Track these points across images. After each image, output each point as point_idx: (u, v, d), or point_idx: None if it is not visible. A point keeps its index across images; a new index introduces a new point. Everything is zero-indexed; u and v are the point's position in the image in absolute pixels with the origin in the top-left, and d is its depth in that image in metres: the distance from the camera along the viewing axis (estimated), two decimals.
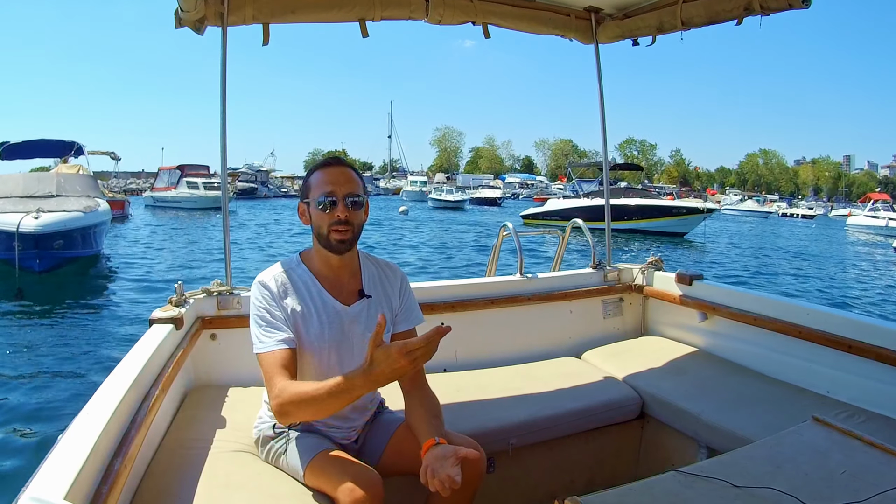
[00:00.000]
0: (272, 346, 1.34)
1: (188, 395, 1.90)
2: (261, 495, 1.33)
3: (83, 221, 9.37)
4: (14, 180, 10.63)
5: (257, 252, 13.78)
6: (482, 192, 47.74)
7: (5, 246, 8.29)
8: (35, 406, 4.16)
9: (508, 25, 2.50)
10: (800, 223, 40.96)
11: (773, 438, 1.40)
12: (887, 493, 1.11)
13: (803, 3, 2.03)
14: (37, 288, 8.13)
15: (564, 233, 3.27)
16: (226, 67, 2.15)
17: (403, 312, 1.56)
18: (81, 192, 10.53)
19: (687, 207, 21.13)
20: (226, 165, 2.25)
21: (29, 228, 8.20)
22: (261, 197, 42.82)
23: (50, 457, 1.00)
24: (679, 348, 2.58)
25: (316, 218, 1.41)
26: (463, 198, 38.97)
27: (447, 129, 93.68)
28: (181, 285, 2.01)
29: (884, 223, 29.65)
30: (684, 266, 4.99)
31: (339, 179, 1.39)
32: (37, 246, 8.37)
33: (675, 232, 20.49)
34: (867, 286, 12.00)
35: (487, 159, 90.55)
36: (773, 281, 11.98)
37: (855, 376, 1.96)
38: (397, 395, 1.56)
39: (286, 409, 1.26)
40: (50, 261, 8.79)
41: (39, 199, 9.52)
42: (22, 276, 8.08)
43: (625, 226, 20.51)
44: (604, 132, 3.04)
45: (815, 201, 68.37)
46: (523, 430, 1.93)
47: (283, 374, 1.30)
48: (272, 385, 1.29)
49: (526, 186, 66.38)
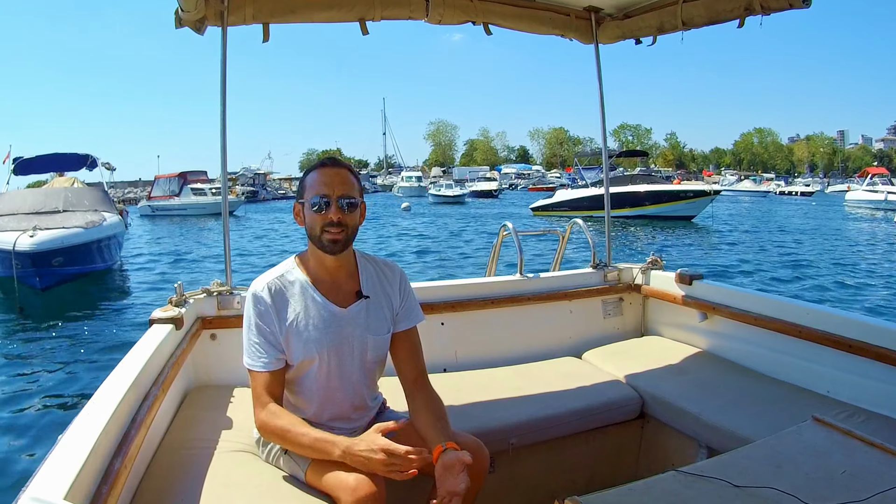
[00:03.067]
0: (260, 368, 1.39)
1: (188, 395, 1.90)
2: (261, 495, 1.33)
3: (83, 237, 9.25)
4: (21, 196, 10.57)
5: (281, 256, 13.74)
6: (479, 184, 47.55)
7: (6, 264, 8.29)
8: (30, 417, 4.20)
9: (508, 25, 2.50)
10: (800, 201, 40.54)
11: (773, 438, 1.39)
12: (887, 493, 1.11)
13: (804, 3, 2.04)
14: (38, 304, 8.16)
15: (565, 232, 3.27)
16: (226, 67, 2.16)
17: (404, 311, 1.55)
18: (89, 206, 10.42)
19: (694, 191, 21.33)
20: (226, 165, 2.26)
21: (24, 247, 8.16)
22: (259, 200, 42.83)
23: (50, 457, 1.00)
24: (679, 348, 2.58)
25: (309, 219, 1.41)
26: (463, 192, 39.05)
27: (441, 123, 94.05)
28: (181, 285, 2.01)
29: (882, 197, 29.51)
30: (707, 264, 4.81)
31: (334, 181, 1.39)
32: (34, 264, 8.33)
33: (683, 216, 20.57)
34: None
35: (483, 151, 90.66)
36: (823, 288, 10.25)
37: (855, 376, 1.96)
38: (398, 395, 1.56)
39: (265, 433, 1.39)
40: (51, 278, 8.72)
41: (44, 216, 9.43)
42: (24, 294, 8.06)
43: (634, 212, 20.59)
44: (604, 131, 3.04)
45: (811, 178, 67.79)
46: (523, 429, 1.93)
47: (270, 394, 1.38)
48: (258, 402, 1.38)
49: (522, 176, 66.26)
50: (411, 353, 1.54)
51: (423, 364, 1.56)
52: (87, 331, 6.88)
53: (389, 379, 1.60)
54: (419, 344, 1.57)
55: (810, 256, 13.22)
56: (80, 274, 9.41)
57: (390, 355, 1.57)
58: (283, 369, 1.42)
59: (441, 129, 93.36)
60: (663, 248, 14.33)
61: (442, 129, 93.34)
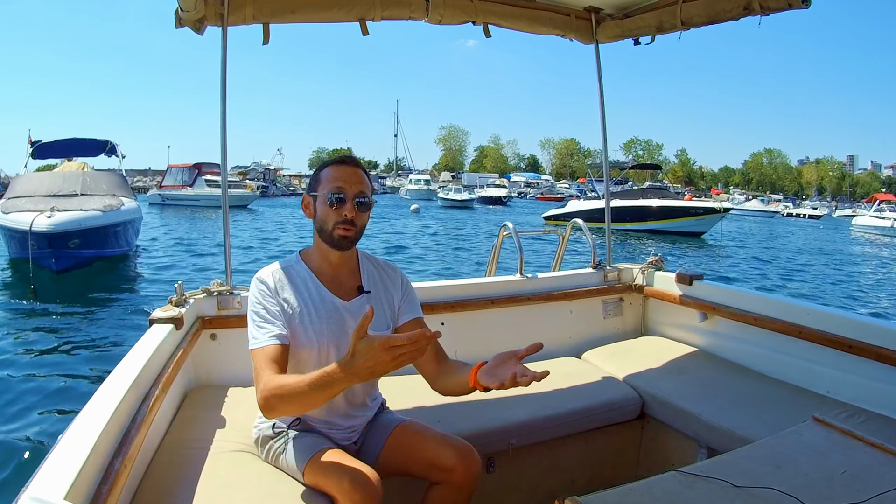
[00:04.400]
0: (263, 342, 1.33)
1: (188, 395, 1.90)
2: (261, 495, 1.32)
3: (101, 220, 9.24)
4: (39, 179, 10.54)
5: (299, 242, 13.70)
6: (488, 190, 47.63)
7: (25, 245, 8.24)
8: (32, 403, 4.11)
9: (508, 25, 2.50)
10: (808, 223, 40.60)
11: (773, 438, 1.39)
12: (887, 494, 1.11)
13: (803, 3, 2.03)
14: (52, 287, 8.03)
15: (565, 233, 3.27)
16: (226, 67, 2.15)
17: (406, 304, 1.56)
18: (107, 190, 10.39)
19: (704, 208, 21.34)
20: (226, 163, 2.26)
21: (41, 228, 8.14)
22: (269, 195, 42.99)
23: (50, 457, 1.00)
24: (679, 348, 2.58)
25: (322, 213, 1.41)
26: (471, 197, 39.53)
27: (452, 128, 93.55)
28: (181, 285, 2.01)
29: (889, 224, 29.62)
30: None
31: (352, 179, 1.40)
32: (50, 245, 8.31)
33: (693, 232, 20.58)
34: None
35: (493, 158, 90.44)
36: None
37: (855, 376, 1.96)
38: (398, 395, 1.56)
39: (270, 402, 1.24)
40: (67, 260, 8.68)
41: (62, 198, 9.42)
42: (38, 276, 7.96)
43: (645, 226, 20.62)
44: (604, 131, 3.04)
45: (818, 201, 68.00)
46: (523, 430, 1.93)
47: (270, 369, 1.29)
48: (259, 379, 1.28)
49: (532, 185, 66.26)
50: None
51: (440, 347, 1.53)
52: (102, 317, 6.72)
53: (389, 379, 1.60)
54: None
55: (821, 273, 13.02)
56: (95, 258, 9.35)
57: None
58: (286, 348, 1.36)
59: (452, 133, 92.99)
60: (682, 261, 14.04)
61: (453, 133, 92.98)
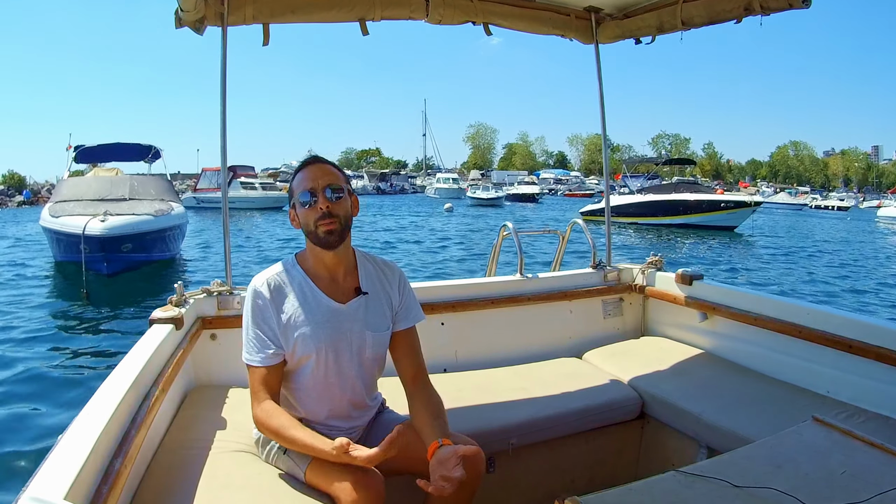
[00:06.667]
0: (257, 363, 1.40)
1: (188, 395, 1.90)
2: (261, 495, 1.33)
3: (153, 225, 9.28)
4: (86, 183, 10.58)
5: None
6: (519, 188, 46.99)
7: (75, 249, 8.25)
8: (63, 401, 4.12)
9: (508, 25, 2.50)
10: (837, 215, 39.98)
11: (773, 438, 1.39)
12: (887, 493, 1.11)
13: (803, 3, 2.03)
14: (104, 290, 8.03)
15: (565, 233, 3.27)
16: (226, 68, 2.15)
17: (403, 310, 1.56)
18: (155, 195, 10.46)
19: (735, 201, 21.22)
20: (226, 163, 2.26)
21: (95, 231, 8.16)
22: None
23: (50, 457, 1.00)
24: (679, 348, 2.58)
25: (303, 217, 1.42)
26: (499, 195, 39.70)
27: (480, 126, 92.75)
28: (181, 285, 2.01)
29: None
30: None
31: (318, 174, 1.42)
32: (103, 249, 8.31)
33: (725, 226, 20.46)
34: None
35: (521, 156, 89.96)
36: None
37: (855, 376, 1.96)
38: (398, 395, 1.56)
39: (262, 430, 1.41)
40: (119, 264, 8.69)
41: (111, 203, 9.45)
42: (90, 279, 7.95)
43: (677, 220, 20.57)
44: (604, 131, 3.04)
45: (845, 192, 67.25)
46: (523, 430, 1.93)
47: (266, 391, 1.40)
48: (255, 398, 1.40)
49: (561, 182, 65.53)
50: (409, 351, 1.55)
51: (423, 362, 1.56)
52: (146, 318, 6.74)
53: (389, 379, 1.60)
54: (418, 343, 1.57)
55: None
56: (144, 262, 9.40)
57: (389, 354, 1.57)
58: (280, 365, 1.43)
59: (480, 132, 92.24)
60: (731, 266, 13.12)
61: (481, 132, 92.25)
